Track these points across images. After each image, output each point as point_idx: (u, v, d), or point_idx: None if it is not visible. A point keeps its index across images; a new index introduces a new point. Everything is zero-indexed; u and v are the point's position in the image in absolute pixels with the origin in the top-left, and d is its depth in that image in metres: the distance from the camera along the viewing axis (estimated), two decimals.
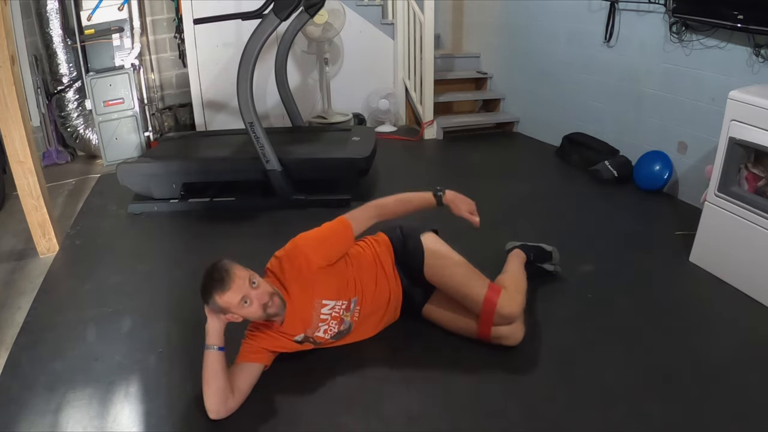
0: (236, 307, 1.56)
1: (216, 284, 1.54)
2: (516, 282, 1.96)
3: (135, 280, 2.46)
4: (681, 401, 1.66)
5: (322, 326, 1.78)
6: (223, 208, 3.20)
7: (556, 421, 1.60)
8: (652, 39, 3.24)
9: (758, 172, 2.22)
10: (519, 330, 1.86)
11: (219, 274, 1.55)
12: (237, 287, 1.54)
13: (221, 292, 1.54)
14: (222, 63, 4.30)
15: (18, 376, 1.83)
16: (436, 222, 2.09)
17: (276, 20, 2.87)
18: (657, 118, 3.32)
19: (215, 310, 1.59)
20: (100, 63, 3.96)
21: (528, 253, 2.21)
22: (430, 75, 4.40)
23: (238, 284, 1.55)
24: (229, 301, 1.54)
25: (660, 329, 2.02)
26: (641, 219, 3.01)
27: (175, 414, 1.65)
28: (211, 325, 1.61)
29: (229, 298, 1.54)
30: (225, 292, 1.53)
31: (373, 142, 3.42)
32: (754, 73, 2.63)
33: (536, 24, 4.26)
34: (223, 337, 1.62)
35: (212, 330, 1.61)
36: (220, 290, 1.54)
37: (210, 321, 1.62)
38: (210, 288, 1.55)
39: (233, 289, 1.54)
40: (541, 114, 4.43)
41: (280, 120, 4.47)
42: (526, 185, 3.55)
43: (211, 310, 1.60)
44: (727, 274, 2.29)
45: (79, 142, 4.22)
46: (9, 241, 2.92)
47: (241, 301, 1.55)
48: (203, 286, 1.57)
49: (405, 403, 1.67)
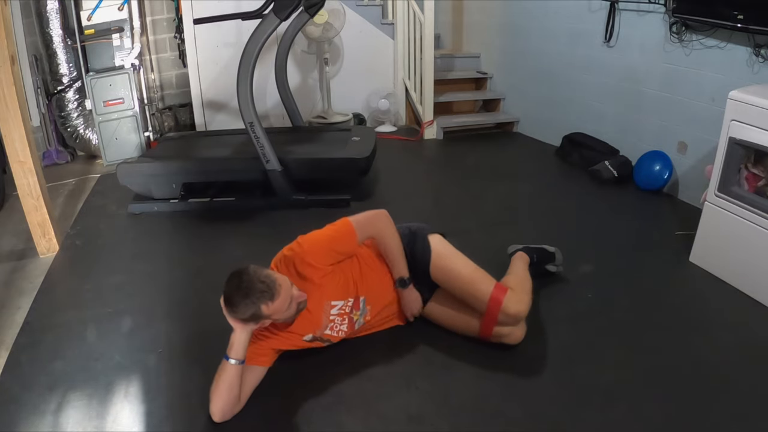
0: (279, 314, 1.54)
1: (263, 295, 1.48)
2: (522, 283, 1.96)
3: (135, 280, 2.46)
4: (681, 401, 1.66)
5: (330, 325, 1.79)
6: (223, 208, 3.20)
7: (556, 421, 1.60)
8: (652, 39, 3.24)
9: (758, 172, 2.22)
10: (520, 329, 1.86)
11: (262, 284, 1.49)
12: (285, 292, 1.52)
13: (270, 302, 1.49)
14: (222, 63, 4.30)
15: (18, 376, 1.83)
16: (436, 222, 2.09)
17: (276, 20, 2.87)
18: (657, 118, 3.32)
19: (246, 320, 1.53)
20: (100, 63, 3.96)
21: (531, 255, 2.21)
22: (430, 75, 4.40)
23: (285, 290, 1.53)
24: (277, 309, 1.51)
25: (660, 329, 2.02)
26: (641, 219, 3.01)
27: (176, 414, 1.65)
28: (239, 336, 1.55)
29: (278, 305, 1.51)
30: (275, 302, 1.50)
31: (373, 142, 3.42)
32: (754, 73, 2.63)
33: (536, 24, 4.26)
34: (246, 350, 1.58)
35: (239, 342, 1.55)
36: (269, 300, 1.49)
37: (238, 332, 1.55)
38: (254, 300, 1.48)
39: (282, 296, 1.51)
40: (541, 114, 4.43)
41: (280, 120, 4.47)
42: (526, 185, 3.55)
43: (239, 321, 1.53)
44: (727, 274, 2.29)
45: (79, 142, 4.22)
46: (9, 241, 2.91)
47: (288, 306, 1.54)
48: (240, 298, 1.48)
49: (405, 403, 1.67)
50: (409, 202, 3.28)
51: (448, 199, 3.39)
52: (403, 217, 2.04)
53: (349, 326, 1.84)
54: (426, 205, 3.30)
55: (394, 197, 3.35)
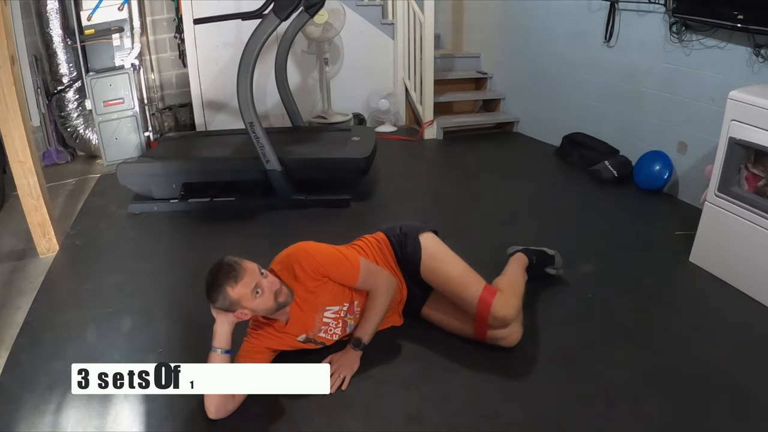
0: (248, 299, 1.55)
1: (227, 276, 1.53)
2: (512, 285, 1.95)
3: (135, 280, 2.46)
4: (681, 401, 1.66)
5: (324, 328, 1.80)
6: (223, 208, 3.19)
7: (556, 421, 1.60)
8: (652, 39, 3.24)
9: (758, 172, 2.22)
10: (516, 331, 1.85)
11: (228, 267, 1.54)
12: (249, 276, 1.54)
13: (234, 283, 1.53)
14: (222, 63, 4.30)
15: (18, 376, 1.83)
16: (436, 222, 2.09)
17: (276, 20, 2.87)
18: (657, 118, 3.32)
19: (224, 309, 1.57)
20: (100, 63, 3.95)
21: (530, 257, 2.20)
22: (430, 75, 4.40)
23: (250, 273, 1.55)
24: (242, 292, 1.54)
25: (660, 329, 2.02)
26: (641, 219, 3.01)
27: (176, 414, 1.65)
28: (220, 326, 1.59)
29: (242, 288, 1.53)
30: (237, 283, 1.53)
31: (373, 142, 3.42)
32: (754, 73, 2.63)
33: (536, 24, 4.26)
34: (230, 340, 1.60)
35: (221, 332, 1.59)
36: (233, 281, 1.53)
37: (219, 322, 1.59)
38: (220, 282, 1.53)
39: (246, 279, 1.53)
40: (541, 114, 4.43)
41: (280, 120, 4.47)
42: (526, 185, 3.55)
43: (219, 310, 1.58)
44: (727, 274, 2.29)
45: (79, 142, 4.22)
46: (9, 241, 2.91)
47: (253, 291, 1.55)
48: (211, 283, 1.55)
49: (405, 403, 1.67)
50: (409, 202, 3.28)
51: (448, 199, 3.39)
52: (403, 217, 2.04)
53: (342, 329, 1.85)
54: (426, 205, 3.30)
55: (394, 197, 3.35)
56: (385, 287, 1.82)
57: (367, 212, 3.11)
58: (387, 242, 1.97)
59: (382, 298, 1.81)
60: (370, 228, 2.08)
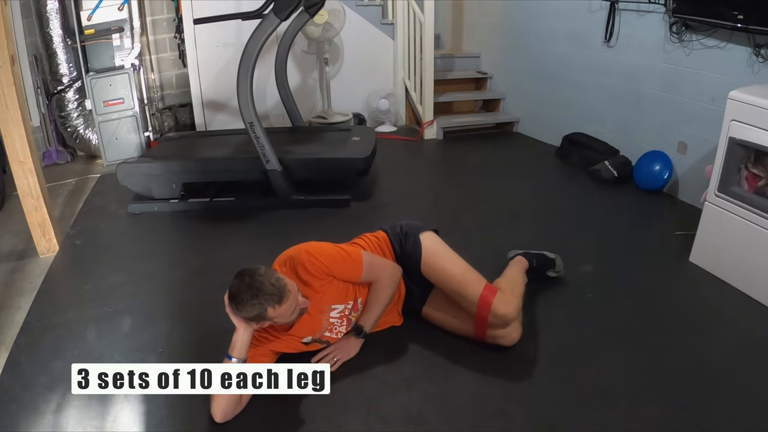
0: (283, 317, 1.55)
1: (271, 298, 1.49)
2: (513, 285, 1.96)
3: (135, 280, 2.46)
4: (681, 401, 1.65)
5: (330, 327, 1.81)
6: (223, 208, 3.20)
7: (556, 421, 1.60)
8: (652, 39, 3.24)
9: (758, 172, 2.22)
10: (515, 330, 1.86)
11: (272, 287, 1.49)
12: (292, 300, 1.53)
13: (277, 305, 1.50)
14: (222, 63, 4.30)
15: (18, 376, 1.83)
16: (436, 222, 2.09)
17: (276, 20, 2.87)
18: (657, 118, 3.32)
19: (249, 320, 1.53)
20: (100, 63, 3.95)
21: (530, 260, 2.20)
22: (430, 75, 4.40)
23: (293, 297, 1.54)
24: (282, 313, 1.52)
25: (660, 329, 2.02)
26: (641, 219, 3.01)
27: (176, 414, 1.65)
28: (241, 335, 1.55)
29: (284, 310, 1.52)
30: (282, 305, 1.51)
31: (373, 142, 3.42)
32: (754, 73, 2.63)
33: (536, 24, 4.26)
34: (248, 350, 1.59)
35: (241, 341, 1.55)
36: (276, 303, 1.50)
37: (240, 331, 1.56)
38: (262, 301, 1.48)
39: (289, 303, 1.52)
40: (541, 114, 4.43)
41: (280, 120, 4.47)
42: (526, 185, 3.55)
43: (242, 319, 1.54)
44: (727, 274, 2.29)
45: (79, 142, 4.22)
46: (9, 241, 2.91)
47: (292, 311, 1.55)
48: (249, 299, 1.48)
49: (405, 403, 1.67)
50: (409, 202, 3.28)
51: (448, 199, 3.39)
52: (403, 217, 2.04)
53: (347, 327, 1.86)
54: (426, 205, 3.30)
55: (394, 197, 3.35)
56: (390, 276, 1.84)
57: (367, 212, 3.11)
58: (387, 240, 1.98)
59: (387, 289, 1.83)
60: (370, 228, 2.08)
